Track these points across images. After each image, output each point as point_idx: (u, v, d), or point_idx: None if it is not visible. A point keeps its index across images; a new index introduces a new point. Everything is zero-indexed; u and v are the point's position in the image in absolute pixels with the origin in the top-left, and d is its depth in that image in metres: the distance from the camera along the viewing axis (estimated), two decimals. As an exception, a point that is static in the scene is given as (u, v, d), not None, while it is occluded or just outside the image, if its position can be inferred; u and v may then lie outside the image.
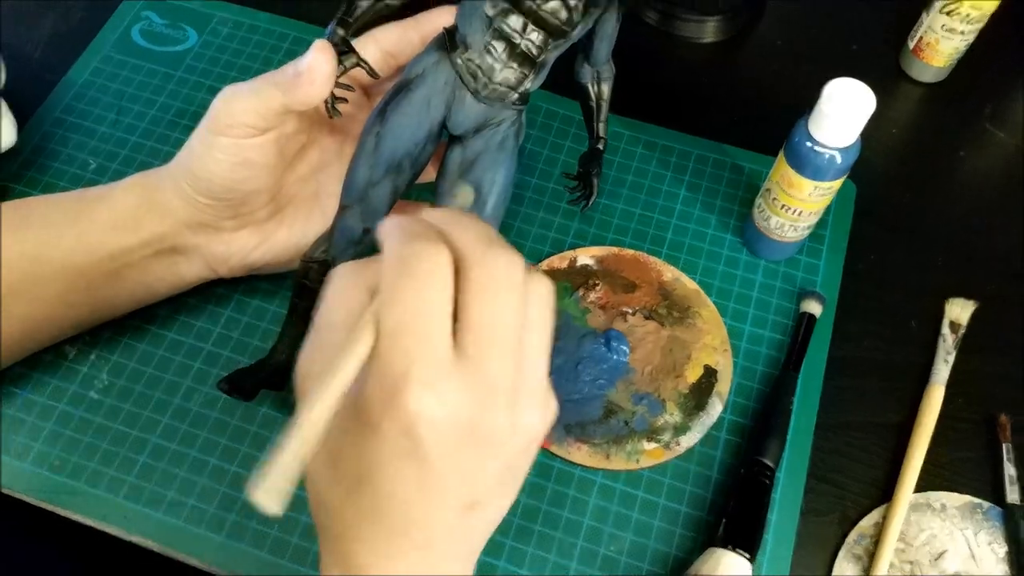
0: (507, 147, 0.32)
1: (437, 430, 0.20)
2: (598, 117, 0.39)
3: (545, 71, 0.32)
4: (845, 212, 0.44)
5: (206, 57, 0.48)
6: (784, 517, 0.36)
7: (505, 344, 0.21)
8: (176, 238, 0.34)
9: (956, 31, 0.45)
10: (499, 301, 0.21)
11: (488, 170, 0.32)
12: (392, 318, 0.20)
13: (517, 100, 0.32)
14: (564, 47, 0.32)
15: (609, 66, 0.37)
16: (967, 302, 0.41)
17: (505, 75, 0.31)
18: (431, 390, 0.20)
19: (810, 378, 0.39)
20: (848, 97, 0.34)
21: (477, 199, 0.33)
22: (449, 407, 0.20)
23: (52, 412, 0.37)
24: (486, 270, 0.21)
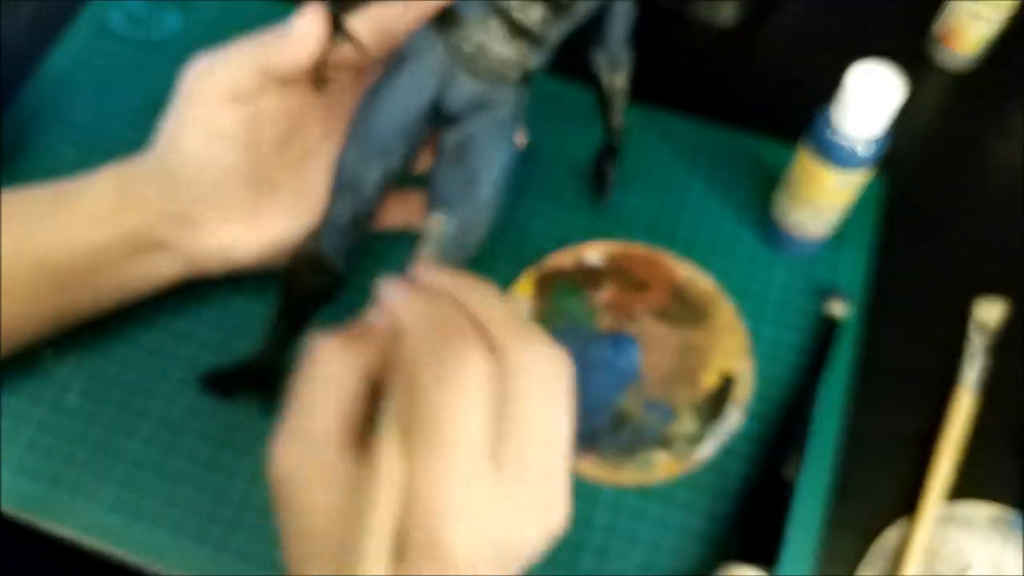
0: (505, 130, 0.31)
1: (466, 553, 0.19)
2: (612, 110, 0.36)
3: (549, 50, 0.31)
4: (871, 207, 0.42)
5: (190, 44, 0.45)
6: (804, 530, 0.34)
7: (542, 452, 0.20)
8: (154, 231, 0.33)
9: (983, 17, 0.43)
10: (538, 407, 0.20)
11: (483, 154, 0.31)
12: (430, 436, 0.19)
13: (518, 79, 0.30)
14: (569, 25, 0.31)
15: (626, 52, 0.35)
16: (999, 302, 0.39)
17: (502, 51, 0.30)
18: (466, 512, 0.19)
19: (834, 384, 0.37)
20: (873, 83, 0.32)
21: (471, 185, 0.31)
22: (484, 532, 0.19)
23: (29, 418, 0.36)
24: (524, 373, 0.20)
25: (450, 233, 0.31)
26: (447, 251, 0.31)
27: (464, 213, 0.31)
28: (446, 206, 0.31)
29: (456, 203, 0.31)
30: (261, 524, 0.34)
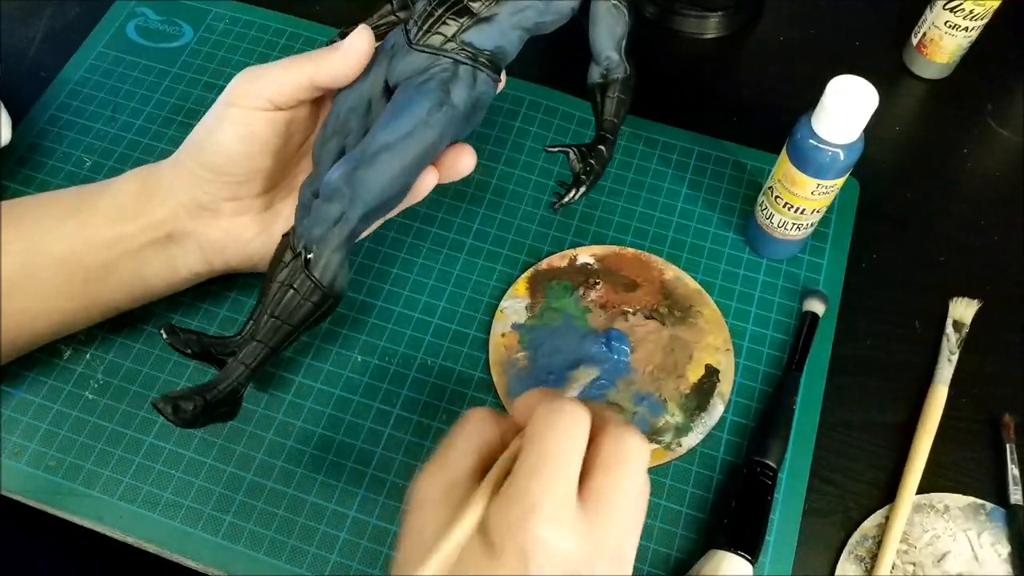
0: (428, 88, 0.31)
1: (548, 559, 0.22)
2: (602, 111, 0.36)
3: (492, 28, 0.32)
4: (848, 210, 0.44)
5: (202, 53, 0.48)
6: (786, 518, 0.36)
7: (622, 514, 0.24)
8: (174, 223, 0.34)
9: (959, 27, 0.45)
10: (624, 477, 0.24)
11: (395, 103, 0.31)
12: (534, 455, 0.23)
13: (453, 49, 0.31)
14: (521, 8, 0.32)
15: (620, 64, 0.35)
16: (971, 301, 0.41)
17: (440, 24, 0.31)
18: (555, 524, 0.22)
19: (813, 378, 0.39)
20: (851, 94, 0.34)
21: (371, 134, 0.31)
22: (566, 546, 0.22)
23: (48, 412, 0.37)
24: (618, 447, 0.24)
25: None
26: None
27: (357, 154, 0.31)
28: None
29: (354, 145, 0.32)
30: (270, 514, 0.35)
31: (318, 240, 0.31)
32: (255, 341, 0.32)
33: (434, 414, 0.38)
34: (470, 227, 0.42)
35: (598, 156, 0.35)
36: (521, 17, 0.33)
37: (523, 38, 0.34)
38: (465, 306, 0.40)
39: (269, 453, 0.36)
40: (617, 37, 0.34)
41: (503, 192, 0.44)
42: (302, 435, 0.37)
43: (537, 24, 0.33)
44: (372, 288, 0.41)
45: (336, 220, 0.31)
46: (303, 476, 0.36)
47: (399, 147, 0.31)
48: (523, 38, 0.34)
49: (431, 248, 0.42)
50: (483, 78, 0.32)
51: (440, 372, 0.39)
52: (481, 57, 0.32)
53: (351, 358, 0.39)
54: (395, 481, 0.36)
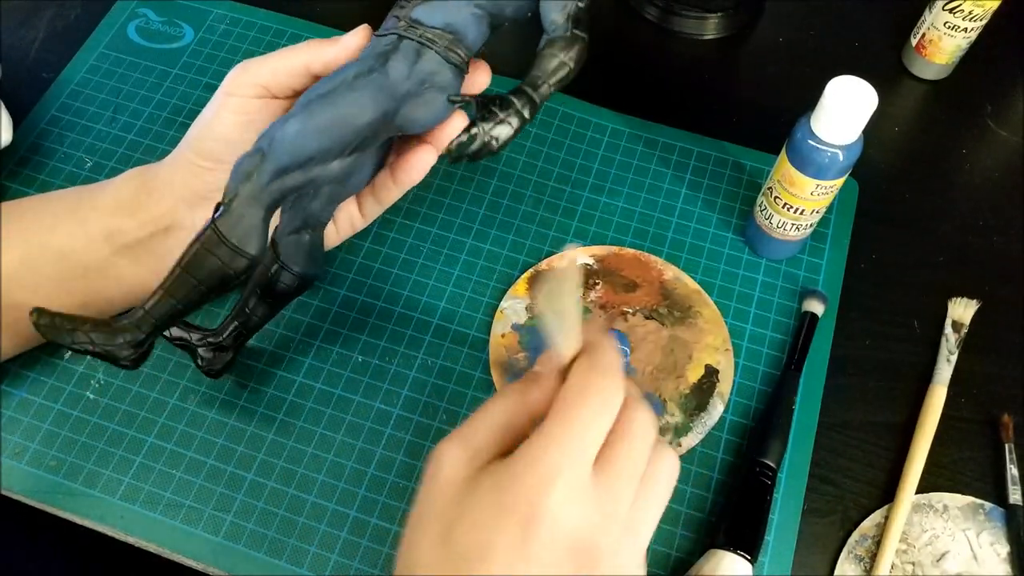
0: (363, 56, 0.31)
1: (553, 532, 0.22)
2: (531, 68, 0.31)
3: (441, 4, 0.30)
4: (847, 210, 0.44)
5: (203, 54, 0.48)
6: (785, 518, 0.36)
7: (632, 482, 0.24)
8: (174, 215, 0.34)
9: (959, 28, 0.45)
10: (636, 446, 0.24)
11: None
12: (560, 423, 0.23)
13: (401, 27, 0.31)
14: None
15: (565, 28, 0.31)
16: (970, 301, 0.41)
17: (397, 6, 0.31)
18: (566, 495, 0.22)
19: (812, 378, 0.39)
20: (850, 94, 0.34)
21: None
22: (574, 516, 0.22)
23: (48, 412, 0.37)
24: (634, 418, 0.24)
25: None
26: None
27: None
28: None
29: None
30: (271, 513, 0.35)
31: (229, 192, 0.30)
32: (161, 289, 0.30)
33: (434, 414, 0.38)
34: (470, 228, 0.43)
35: (504, 104, 0.31)
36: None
37: (481, 19, 0.31)
38: (465, 306, 0.40)
39: (270, 453, 0.37)
40: (565, 6, 0.31)
41: (503, 193, 0.44)
42: (303, 435, 0.37)
43: (493, 3, 0.31)
44: (372, 289, 0.41)
45: (247, 174, 0.30)
46: (303, 476, 0.36)
47: (314, 105, 0.30)
48: (481, 19, 0.31)
49: (431, 249, 0.42)
50: (431, 56, 0.30)
51: (440, 372, 0.39)
52: (428, 34, 0.30)
53: (351, 358, 0.39)
54: (396, 481, 0.36)
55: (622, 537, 0.23)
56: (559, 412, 0.23)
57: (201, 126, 0.34)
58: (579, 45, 0.32)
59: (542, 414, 0.25)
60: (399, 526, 0.35)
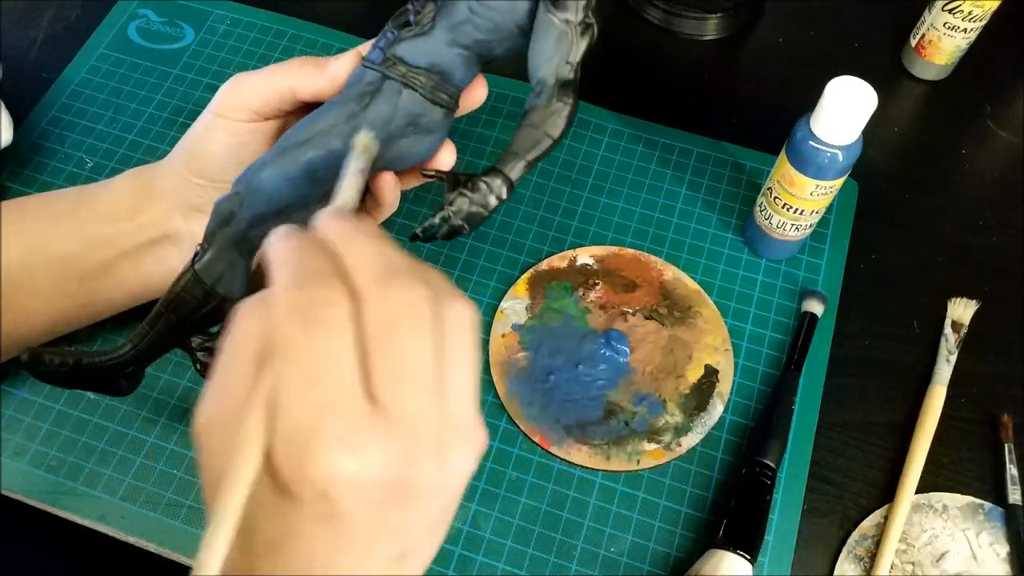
0: (345, 97, 0.29)
1: (357, 489, 0.18)
2: (511, 141, 0.29)
3: (426, 43, 0.29)
4: (847, 211, 0.44)
5: (203, 55, 0.48)
6: (785, 518, 0.36)
7: (420, 386, 0.19)
8: (169, 223, 0.34)
9: (958, 29, 0.45)
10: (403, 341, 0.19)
11: (314, 112, 0.30)
12: (294, 374, 0.18)
13: (385, 63, 0.29)
14: (457, 23, 0.28)
15: (550, 92, 0.28)
16: (969, 302, 0.41)
17: (383, 38, 0.30)
18: (346, 446, 0.18)
19: (812, 378, 0.39)
20: (850, 95, 0.34)
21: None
22: (368, 463, 0.18)
23: (49, 412, 0.37)
24: (385, 307, 0.19)
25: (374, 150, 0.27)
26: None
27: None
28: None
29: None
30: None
31: (208, 237, 0.30)
32: (144, 324, 0.31)
33: (434, 414, 0.38)
34: (470, 228, 0.43)
35: (475, 188, 0.29)
36: (458, 33, 0.29)
37: (467, 59, 0.29)
38: (465, 306, 0.40)
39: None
40: (552, 59, 0.28)
41: (503, 193, 0.44)
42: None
43: (478, 43, 0.29)
44: (373, 288, 0.41)
45: (225, 219, 0.30)
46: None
47: (293, 153, 0.29)
48: (467, 59, 0.29)
49: (431, 249, 0.42)
50: (413, 97, 0.29)
51: (440, 372, 0.39)
52: (412, 74, 0.29)
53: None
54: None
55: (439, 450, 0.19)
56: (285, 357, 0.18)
57: (192, 143, 0.33)
58: (564, 113, 0.28)
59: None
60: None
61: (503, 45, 0.30)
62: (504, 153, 0.29)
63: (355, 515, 0.18)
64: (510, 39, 0.29)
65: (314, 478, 0.18)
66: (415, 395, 0.19)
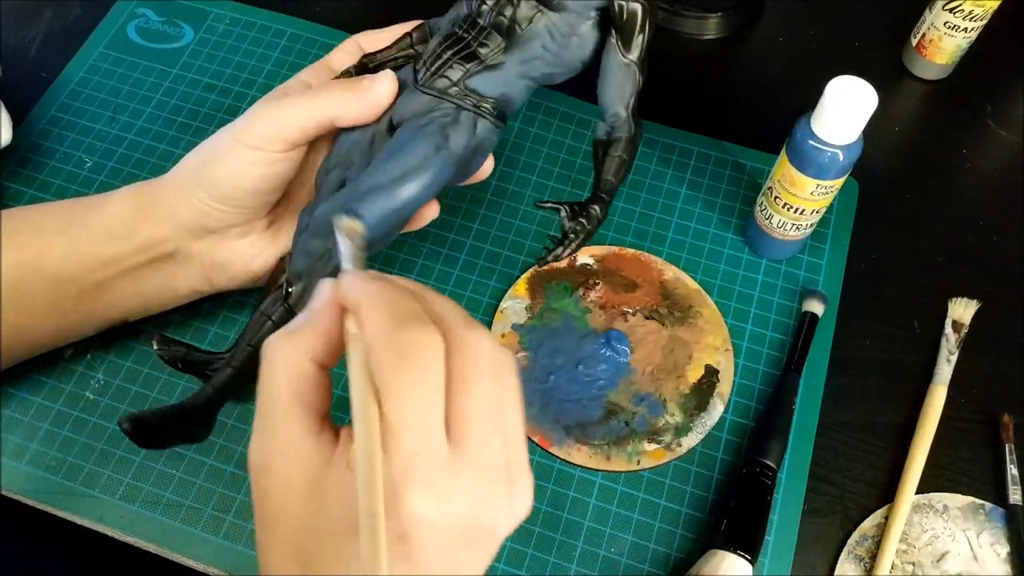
0: (427, 131, 0.31)
1: (435, 534, 0.19)
2: (601, 169, 0.34)
3: (498, 76, 0.32)
4: (848, 210, 0.44)
5: (202, 54, 0.48)
6: (785, 518, 0.36)
7: (498, 430, 0.20)
8: (176, 243, 0.34)
9: (959, 28, 0.45)
10: (489, 385, 0.20)
11: (393, 143, 0.31)
12: (391, 412, 0.19)
13: (457, 94, 0.31)
14: (529, 58, 0.32)
15: (626, 122, 0.33)
16: (970, 302, 0.41)
17: (447, 68, 0.31)
18: (432, 490, 0.19)
19: (812, 378, 0.39)
20: (850, 95, 0.34)
21: (368, 173, 0.31)
22: (450, 507, 0.19)
23: (48, 412, 0.37)
24: (473, 356, 0.20)
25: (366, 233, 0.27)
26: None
27: (357, 195, 0.30)
28: (350, 201, 0.31)
29: (351, 183, 0.31)
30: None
31: (300, 274, 0.31)
32: (229, 367, 0.32)
33: (434, 414, 0.38)
34: (470, 227, 0.43)
35: (590, 216, 0.34)
36: (528, 67, 0.32)
37: (530, 88, 0.33)
38: (465, 306, 0.40)
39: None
40: (626, 95, 0.33)
41: (503, 192, 0.44)
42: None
43: (544, 75, 0.33)
44: (372, 288, 0.41)
45: (320, 256, 0.31)
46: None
47: (390, 189, 0.30)
48: (530, 88, 0.33)
49: (431, 248, 0.42)
50: (485, 125, 0.32)
51: (440, 372, 0.39)
52: (484, 104, 0.31)
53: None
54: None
55: (508, 487, 0.20)
56: (387, 396, 0.19)
57: (215, 170, 0.32)
58: (640, 137, 0.35)
59: (333, 352, 0.21)
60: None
61: (564, 77, 0.33)
62: (600, 181, 0.34)
63: (430, 556, 0.19)
64: (572, 72, 0.33)
65: (397, 518, 0.19)
66: (493, 437, 0.20)
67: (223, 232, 0.34)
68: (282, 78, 0.47)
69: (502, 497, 0.20)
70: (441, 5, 0.34)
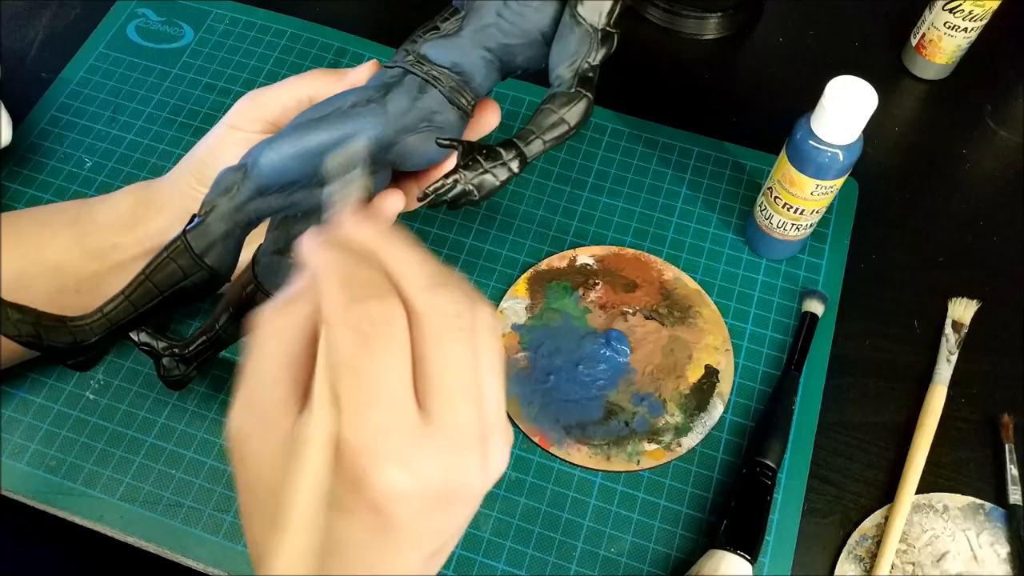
0: (364, 87, 0.30)
1: (409, 502, 0.19)
2: (529, 121, 0.30)
3: (451, 43, 0.30)
4: (847, 210, 0.44)
5: (202, 54, 0.48)
6: (785, 518, 0.36)
7: (468, 394, 0.20)
8: (170, 234, 0.34)
9: (959, 28, 0.45)
10: (455, 350, 0.20)
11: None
12: (354, 393, 0.19)
13: (409, 61, 0.30)
14: (483, 26, 0.30)
15: (569, 84, 0.30)
16: (970, 302, 0.41)
17: (410, 41, 0.31)
18: (402, 464, 0.19)
19: (812, 378, 0.39)
20: (850, 95, 0.34)
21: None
22: (421, 477, 0.19)
23: (48, 412, 0.37)
24: (436, 321, 0.19)
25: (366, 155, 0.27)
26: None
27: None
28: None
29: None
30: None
31: (205, 204, 0.30)
32: (118, 292, 0.30)
33: (434, 414, 0.38)
34: (470, 227, 0.43)
35: (491, 156, 0.30)
36: (483, 36, 0.31)
37: (488, 61, 0.31)
38: (465, 306, 0.40)
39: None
40: (572, 55, 0.30)
41: (503, 192, 0.44)
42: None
43: (502, 46, 0.31)
44: (372, 288, 0.41)
45: (227, 189, 0.29)
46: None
47: (306, 127, 0.29)
48: (488, 61, 0.31)
49: (431, 248, 0.42)
50: (434, 94, 0.30)
51: (440, 372, 0.39)
52: (435, 71, 0.30)
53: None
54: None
55: (483, 450, 0.20)
56: (346, 377, 0.19)
57: (204, 154, 0.33)
58: (582, 103, 0.30)
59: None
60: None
61: (525, 53, 0.31)
62: (521, 130, 0.30)
63: (406, 525, 0.19)
64: (533, 46, 0.31)
65: (370, 494, 0.19)
66: (462, 403, 0.20)
67: None
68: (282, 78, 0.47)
69: (475, 461, 0.20)
70: (440, 4, 0.34)
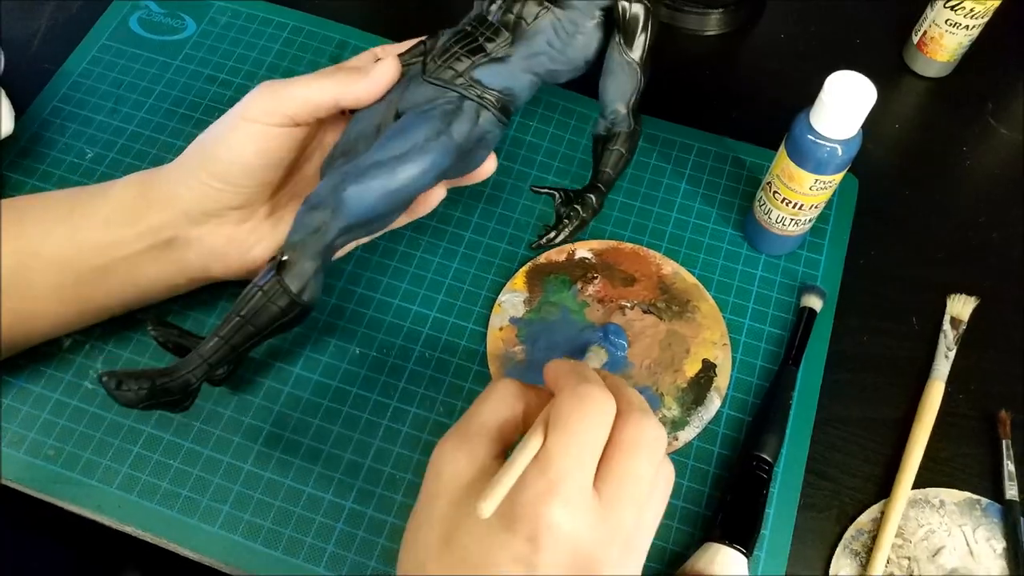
0: (430, 116, 0.32)
1: (558, 545, 0.23)
2: (599, 161, 0.37)
3: (502, 68, 0.33)
4: (846, 206, 0.44)
5: (204, 46, 0.48)
6: (782, 512, 0.36)
7: (636, 501, 0.24)
8: (175, 229, 0.34)
9: (960, 26, 0.45)
10: (641, 463, 0.24)
11: (396, 126, 0.32)
12: (558, 439, 0.24)
13: (462, 84, 0.32)
14: (534, 53, 0.33)
15: (626, 119, 0.36)
16: (969, 298, 0.41)
17: (454, 60, 0.32)
18: (569, 508, 0.23)
19: (810, 373, 0.39)
20: (849, 90, 0.34)
21: (362, 143, 0.32)
22: (577, 529, 0.23)
23: (47, 401, 0.37)
24: (638, 433, 0.24)
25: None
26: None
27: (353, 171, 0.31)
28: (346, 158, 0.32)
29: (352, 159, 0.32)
30: (266, 503, 0.35)
31: (294, 246, 0.31)
32: (216, 337, 0.32)
33: (431, 406, 0.38)
34: (468, 221, 0.43)
35: (585, 204, 0.36)
36: (533, 62, 0.33)
37: (535, 83, 0.34)
38: (463, 300, 0.40)
39: (267, 444, 0.37)
40: (627, 93, 0.35)
41: (502, 186, 0.44)
42: (300, 426, 0.37)
43: (549, 71, 0.34)
44: (370, 281, 0.41)
45: (315, 229, 0.31)
46: (300, 467, 0.36)
47: (390, 167, 0.31)
48: (535, 83, 0.34)
49: (429, 242, 0.42)
50: (488, 117, 0.33)
51: (438, 365, 0.39)
52: (487, 95, 0.33)
53: (349, 350, 0.39)
54: (404, 476, 0.36)
55: (623, 555, 0.24)
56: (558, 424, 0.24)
57: (217, 147, 0.33)
58: (638, 136, 0.36)
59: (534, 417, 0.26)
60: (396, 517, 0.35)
61: (568, 76, 0.35)
62: (598, 172, 0.37)
63: (542, 565, 0.23)
64: (576, 71, 0.35)
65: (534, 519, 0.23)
66: (629, 505, 0.24)
67: (222, 216, 0.34)
68: (283, 71, 0.47)
69: (619, 551, 0.24)
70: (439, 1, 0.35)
